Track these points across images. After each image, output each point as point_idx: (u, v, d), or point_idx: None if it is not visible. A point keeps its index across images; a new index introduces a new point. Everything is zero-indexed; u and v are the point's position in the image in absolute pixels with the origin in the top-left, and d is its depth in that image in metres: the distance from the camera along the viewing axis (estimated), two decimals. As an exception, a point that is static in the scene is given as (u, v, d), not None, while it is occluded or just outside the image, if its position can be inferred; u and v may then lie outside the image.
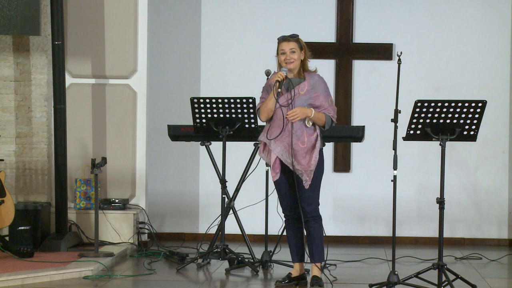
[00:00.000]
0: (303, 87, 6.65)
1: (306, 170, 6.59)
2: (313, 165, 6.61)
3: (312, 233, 6.68)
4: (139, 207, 8.68)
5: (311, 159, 6.60)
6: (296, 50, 6.66)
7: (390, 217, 6.72)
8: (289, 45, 6.65)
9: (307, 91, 6.63)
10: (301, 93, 6.62)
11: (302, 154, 6.59)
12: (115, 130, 8.67)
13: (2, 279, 6.61)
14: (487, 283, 7.03)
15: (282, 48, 6.67)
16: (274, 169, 6.67)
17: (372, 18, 9.29)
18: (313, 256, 6.72)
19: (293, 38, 6.68)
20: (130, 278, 7.09)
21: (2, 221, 7.64)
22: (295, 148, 6.57)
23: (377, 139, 8.96)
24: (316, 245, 6.69)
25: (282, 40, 6.70)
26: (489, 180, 9.26)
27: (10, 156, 8.49)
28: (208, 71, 9.34)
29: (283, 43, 6.68)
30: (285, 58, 6.64)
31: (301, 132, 6.60)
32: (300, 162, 6.58)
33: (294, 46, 6.65)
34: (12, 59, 8.48)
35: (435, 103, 6.52)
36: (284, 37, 6.71)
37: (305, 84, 6.65)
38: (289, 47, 6.64)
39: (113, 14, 8.63)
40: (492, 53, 9.24)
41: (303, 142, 6.61)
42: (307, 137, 6.61)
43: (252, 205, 8.32)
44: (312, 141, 6.63)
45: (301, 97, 6.61)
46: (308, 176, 6.60)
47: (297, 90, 6.63)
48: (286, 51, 6.64)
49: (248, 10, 9.33)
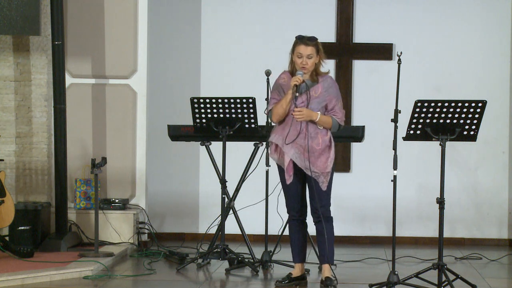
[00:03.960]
0: (316, 90, 6.58)
1: (323, 172, 6.54)
2: (329, 167, 6.56)
3: (325, 233, 6.63)
4: (139, 207, 8.68)
5: (327, 160, 6.56)
6: (313, 55, 6.53)
7: (390, 217, 6.72)
8: (307, 50, 6.52)
9: (320, 93, 6.58)
10: (315, 95, 6.56)
11: (317, 155, 6.54)
12: (115, 130, 8.67)
13: (2, 279, 6.61)
14: (487, 283, 7.03)
15: (299, 51, 6.53)
16: (287, 172, 6.58)
17: (372, 18, 9.29)
18: (325, 257, 6.68)
19: (312, 43, 6.53)
20: (130, 278, 7.09)
21: (2, 221, 7.64)
22: (310, 150, 6.53)
23: (377, 139, 8.96)
24: (329, 246, 6.66)
25: (300, 42, 6.54)
26: (489, 180, 9.26)
27: (10, 156, 8.49)
28: (208, 71, 9.34)
29: (301, 46, 6.53)
30: (301, 62, 6.52)
31: (315, 133, 6.55)
32: (316, 163, 6.53)
33: (311, 51, 6.52)
34: (12, 59, 8.48)
35: (435, 103, 6.52)
36: (303, 39, 6.55)
37: (318, 86, 6.59)
38: (307, 53, 6.51)
39: (113, 14, 8.63)
40: (492, 53, 9.25)
41: (318, 143, 6.55)
42: (321, 138, 6.57)
43: (252, 205, 8.32)
44: (327, 142, 6.58)
45: (314, 100, 6.55)
46: (325, 178, 6.56)
47: (311, 92, 6.56)
48: (303, 55, 6.52)
49: (248, 10, 9.33)
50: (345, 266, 7.73)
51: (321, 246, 6.71)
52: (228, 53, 9.34)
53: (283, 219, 7.85)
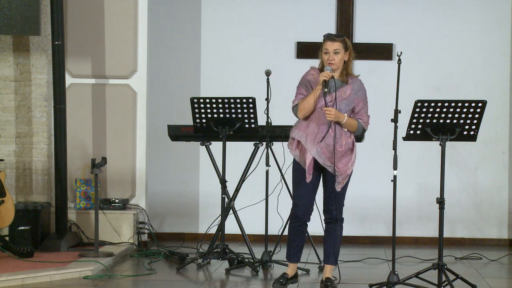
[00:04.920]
0: (345, 90, 6.52)
1: (343, 174, 6.49)
2: (350, 169, 6.53)
3: (336, 235, 6.60)
4: (139, 207, 8.68)
5: (349, 162, 6.51)
6: (340, 51, 6.48)
7: (390, 217, 6.71)
8: (333, 45, 6.48)
9: (349, 95, 6.52)
10: (344, 96, 6.50)
11: (339, 157, 6.48)
12: (115, 130, 8.67)
13: (2, 279, 6.61)
14: (487, 283, 7.03)
15: (326, 47, 6.49)
16: (308, 171, 6.48)
17: (372, 18, 9.29)
18: (330, 258, 6.65)
19: (339, 38, 6.51)
20: (130, 278, 7.09)
21: (2, 221, 7.64)
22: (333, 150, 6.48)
23: (377, 139, 8.96)
24: (337, 247, 6.63)
25: (327, 38, 6.52)
26: (489, 180, 9.26)
27: (10, 156, 8.49)
28: (208, 71, 9.34)
29: (328, 42, 6.50)
30: (328, 58, 6.48)
31: (340, 134, 6.49)
32: (337, 165, 6.48)
33: (338, 47, 6.48)
34: (12, 59, 8.48)
35: (435, 103, 6.52)
36: (330, 36, 6.52)
37: (347, 87, 6.53)
38: (333, 48, 6.47)
39: (113, 14, 8.63)
40: (492, 53, 9.25)
41: (341, 145, 6.49)
42: (345, 140, 6.51)
43: (252, 205, 8.32)
44: (350, 144, 6.53)
45: (343, 101, 6.49)
46: (343, 179, 6.51)
47: (340, 92, 6.49)
48: (329, 51, 6.48)
49: (248, 10, 9.33)
50: (345, 266, 7.73)
51: (327, 246, 6.66)
52: (228, 53, 9.34)
53: (283, 219, 7.86)
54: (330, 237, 6.64)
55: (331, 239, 6.62)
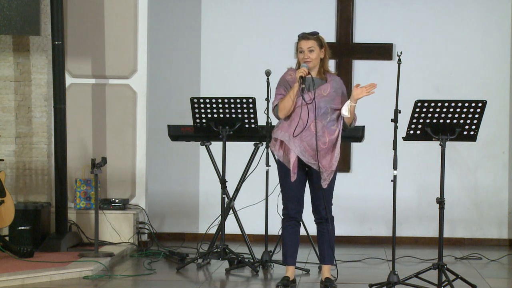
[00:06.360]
0: (325, 88, 6.54)
1: (327, 170, 6.49)
2: (334, 165, 6.52)
3: (328, 234, 6.62)
4: (139, 207, 8.68)
5: (332, 159, 6.51)
6: (314, 48, 6.50)
7: (390, 217, 6.71)
8: (307, 43, 6.51)
9: (329, 93, 6.53)
10: (324, 94, 6.51)
11: (323, 154, 6.49)
12: (115, 130, 8.67)
13: (2, 279, 6.61)
14: (487, 283, 7.03)
15: (300, 46, 6.52)
16: (292, 170, 6.49)
17: (372, 18, 9.29)
18: (326, 258, 6.67)
19: (313, 36, 6.53)
20: (130, 278, 7.09)
21: (2, 221, 7.64)
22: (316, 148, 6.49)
23: (377, 139, 8.96)
24: (331, 247, 6.64)
25: (301, 37, 6.54)
26: (489, 180, 9.26)
27: (10, 156, 8.49)
28: (208, 71, 9.34)
29: (302, 41, 6.52)
30: (303, 57, 6.50)
31: (322, 132, 6.50)
32: (321, 162, 6.48)
33: (312, 44, 6.50)
34: (12, 59, 8.48)
35: (435, 103, 6.52)
36: (304, 34, 6.54)
37: (327, 85, 6.55)
38: (307, 46, 6.50)
39: (113, 14, 8.63)
40: (492, 53, 9.25)
41: (324, 142, 6.49)
42: (328, 137, 6.51)
43: (252, 205, 8.32)
44: (333, 140, 6.52)
45: (323, 99, 6.50)
46: (328, 175, 6.50)
47: (320, 90, 6.51)
48: (304, 50, 6.50)
49: (248, 10, 9.33)
50: (345, 266, 7.73)
51: (322, 246, 6.70)
52: (228, 53, 9.34)
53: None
54: (323, 237, 6.66)
55: (325, 239, 6.66)
